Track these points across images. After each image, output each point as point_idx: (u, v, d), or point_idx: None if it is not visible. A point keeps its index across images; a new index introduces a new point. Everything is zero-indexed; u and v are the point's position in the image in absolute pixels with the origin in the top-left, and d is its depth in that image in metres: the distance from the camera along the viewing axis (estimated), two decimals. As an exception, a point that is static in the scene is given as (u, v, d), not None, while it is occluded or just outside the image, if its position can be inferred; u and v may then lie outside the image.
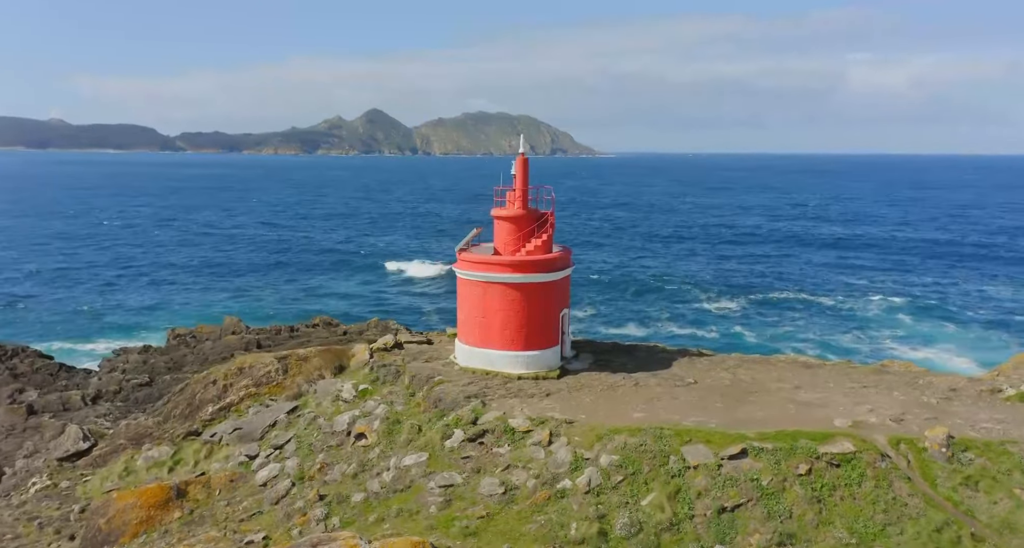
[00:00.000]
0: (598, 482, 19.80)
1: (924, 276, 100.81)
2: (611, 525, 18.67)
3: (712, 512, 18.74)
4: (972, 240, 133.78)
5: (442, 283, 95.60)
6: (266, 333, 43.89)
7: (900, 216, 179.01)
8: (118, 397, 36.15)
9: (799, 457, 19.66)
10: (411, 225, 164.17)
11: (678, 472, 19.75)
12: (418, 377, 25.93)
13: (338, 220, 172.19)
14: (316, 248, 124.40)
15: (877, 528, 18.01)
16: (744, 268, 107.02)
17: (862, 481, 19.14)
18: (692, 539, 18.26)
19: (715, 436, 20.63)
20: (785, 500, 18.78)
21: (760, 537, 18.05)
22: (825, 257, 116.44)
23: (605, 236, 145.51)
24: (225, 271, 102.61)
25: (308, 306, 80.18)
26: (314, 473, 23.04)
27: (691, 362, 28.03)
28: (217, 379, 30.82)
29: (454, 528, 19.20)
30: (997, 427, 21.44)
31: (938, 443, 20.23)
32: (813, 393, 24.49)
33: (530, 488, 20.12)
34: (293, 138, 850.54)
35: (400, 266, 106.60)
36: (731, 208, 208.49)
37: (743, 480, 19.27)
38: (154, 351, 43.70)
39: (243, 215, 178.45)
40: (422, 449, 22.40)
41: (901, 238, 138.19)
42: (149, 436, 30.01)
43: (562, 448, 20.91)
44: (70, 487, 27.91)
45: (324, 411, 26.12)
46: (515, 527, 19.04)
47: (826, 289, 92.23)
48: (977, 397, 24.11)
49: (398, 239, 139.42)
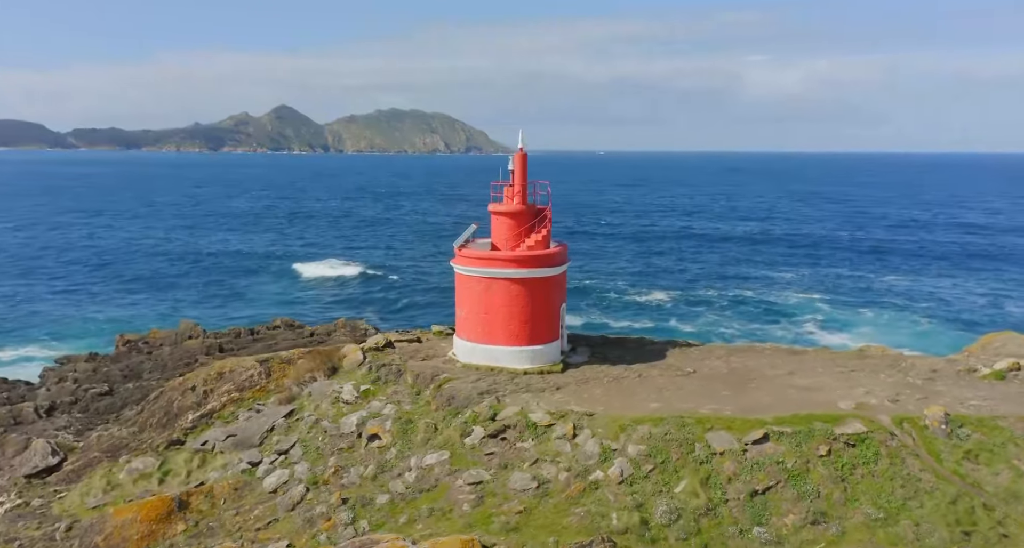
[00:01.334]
0: (629, 472, 20.14)
1: (834, 267, 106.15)
2: (650, 513, 19.03)
3: (745, 495, 19.38)
4: (874, 235, 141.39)
5: (370, 282, 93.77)
6: (226, 336, 42.15)
7: (806, 212, 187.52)
8: (75, 408, 34.03)
9: (818, 439, 20.55)
10: (329, 224, 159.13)
11: (705, 459, 20.31)
12: (422, 376, 25.62)
13: (249, 220, 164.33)
14: (228, 251, 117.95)
15: (899, 503, 19.04)
16: (667, 263, 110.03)
17: (877, 459, 20.18)
18: (730, 522, 18.83)
19: (735, 422, 21.31)
20: (811, 480, 19.62)
21: (794, 517, 18.80)
22: (741, 251, 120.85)
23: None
24: (134, 278, 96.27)
25: (236, 313, 76.35)
26: (328, 477, 22.44)
27: (683, 352, 28.77)
28: (196, 385, 29.52)
29: (494, 524, 19.13)
30: (984, 404, 22.98)
31: (937, 421, 21.54)
32: (808, 378, 25.58)
33: (562, 481, 20.26)
34: (197, 135, 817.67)
35: (319, 267, 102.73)
36: (648, 205, 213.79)
37: (769, 463, 20.01)
38: (103, 359, 41.27)
39: (144, 217, 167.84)
40: (442, 448, 22.18)
41: (808, 232, 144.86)
42: (126, 447, 28.47)
43: (588, 440, 21.13)
44: (44, 505, 26.15)
45: (325, 413, 25.45)
46: (555, 520, 19.14)
47: (746, 281, 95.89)
48: (957, 377, 25.77)
49: (317, 239, 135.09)
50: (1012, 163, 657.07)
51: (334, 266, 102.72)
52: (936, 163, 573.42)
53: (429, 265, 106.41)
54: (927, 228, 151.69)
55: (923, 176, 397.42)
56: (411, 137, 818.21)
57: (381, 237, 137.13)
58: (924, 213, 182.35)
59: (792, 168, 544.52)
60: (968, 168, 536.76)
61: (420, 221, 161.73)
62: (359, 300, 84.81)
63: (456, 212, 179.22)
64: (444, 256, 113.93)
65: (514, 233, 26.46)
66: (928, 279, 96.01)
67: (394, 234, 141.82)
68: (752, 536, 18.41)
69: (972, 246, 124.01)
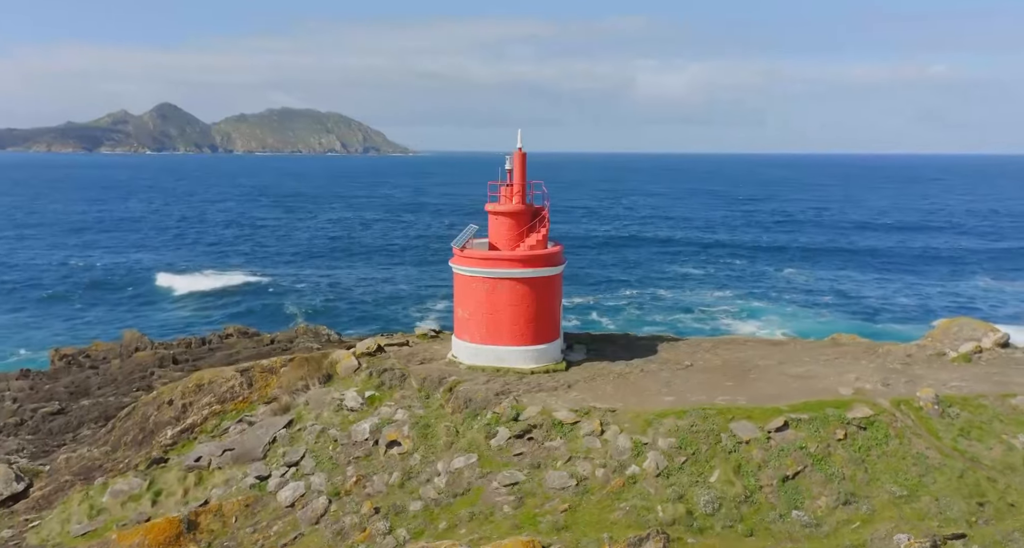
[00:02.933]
0: (664, 465, 20.57)
1: (735, 260, 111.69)
2: (693, 504, 19.52)
3: (777, 481, 20.18)
4: (771, 233, 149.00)
5: (256, 289, 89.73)
6: (177, 347, 39.74)
7: (703, 212, 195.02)
8: (23, 430, 31.33)
9: (833, 424, 21.65)
10: (223, 230, 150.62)
11: (733, 448, 21.01)
12: (429, 379, 25.21)
13: (129, 227, 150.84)
14: (97, 265, 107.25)
15: (916, 480, 20.32)
16: (583, 261, 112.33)
17: (887, 440, 21.46)
18: (768, 508, 19.58)
19: (754, 412, 22.14)
20: (835, 463, 20.65)
21: (826, 499, 19.74)
22: (651, 251, 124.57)
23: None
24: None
25: (110, 328, 69.93)
26: (350, 487, 21.75)
27: (673, 346, 29.56)
28: (173, 399, 27.89)
29: (542, 524, 19.12)
30: (963, 384, 24.83)
31: (930, 402, 23.12)
32: (799, 367, 26.85)
33: (600, 477, 20.47)
34: (70, 134, 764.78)
35: (208, 278, 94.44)
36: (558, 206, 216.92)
37: (793, 449, 20.92)
38: (38, 375, 38.09)
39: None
40: (468, 451, 21.94)
41: (708, 231, 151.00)
42: (100, 468, 26.58)
43: (618, 436, 21.43)
44: (16, 535, 24.05)
45: (329, 422, 24.61)
46: (602, 516, 19.33)
47: (658, 279, 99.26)
48: (929, 361, 27.71)
49: (206, 247, 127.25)
50: (873, 164, 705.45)
51: (212, 276, 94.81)
52: (801, 164, 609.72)
53: (341, 271, 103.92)
54: (817, 225, 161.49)
55: (795, 176, 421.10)
56: (305, 137, 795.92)
57: (284, 243, 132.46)
58: (817, 212, 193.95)
59: (686, 168, 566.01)
60: (835, 167, 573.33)
61: (326, 227, 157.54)
62: (246, 310, 79.93)
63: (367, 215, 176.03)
64: (356, 260, 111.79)
65: (515, 233, 26.45)
66: (823, 272, 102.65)
67: (298, 239, 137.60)
68: (792, 519, 19.20)
69: (853, 242, 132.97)
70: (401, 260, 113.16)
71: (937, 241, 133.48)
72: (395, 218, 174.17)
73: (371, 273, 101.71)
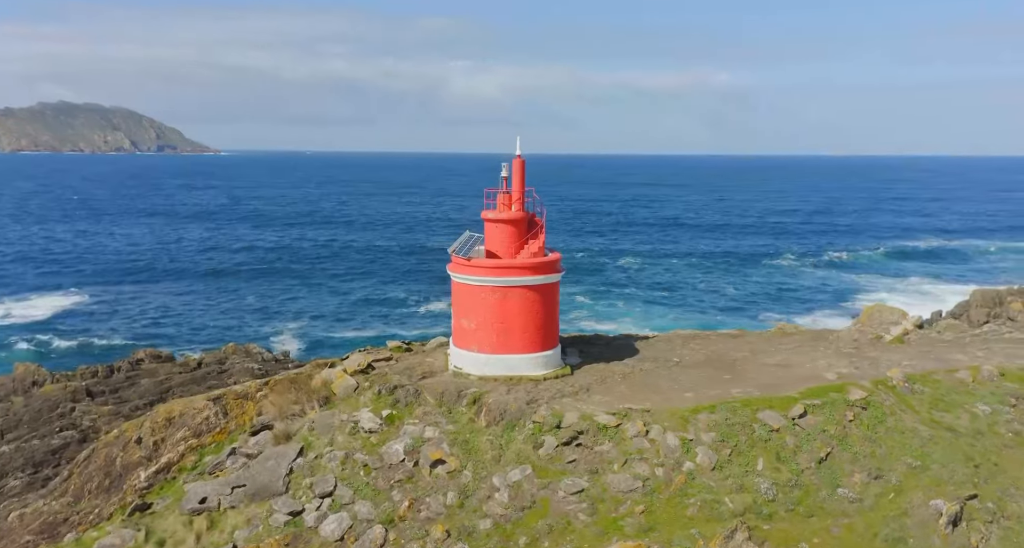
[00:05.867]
0: (715, 458, 21.64)
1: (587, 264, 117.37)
2: (756, 492, 20.73)
3: (814, 464, 21.93)
4: (608, 235, 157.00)
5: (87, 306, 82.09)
6: (85, 378, 34.65)
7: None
8: (-70, 486, 26.28)
9: (841, 407, 23.85)
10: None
11: (767, 437, 22.52)
12: (447, 393, 24.50)
13: None
14: None
15: (920, 451, 22.96)
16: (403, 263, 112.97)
17: (885, 418, 23.99)
18: (815, 489, 21.24)
19: (773, 401, 23.83)
20: (854, 443, 22.77)
21: (859, 476, 21.74)
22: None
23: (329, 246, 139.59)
24: None
25: None
26: (404, 512, 20.71)
27: (651, 344, 30.82)
28: (142, 436, 24.90)
29: (627, 527, 19.46)
30: (914, 363, 28.21)
31: (901, 380, 26.13)
32: (772, 357, 29.11)
33: (661, 476, 21.12)
34: None
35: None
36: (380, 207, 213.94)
37: (818, 433, 22.81)
38: (-92, 421, 31.82)
39: None
40: (519, 463, 21.69)
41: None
42: (65, 523, 23.18)
43: (664, 434, 22.19)
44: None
45: (349, 446, 23.16)
46: (678, 513, 20.01)
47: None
48: (872, 344, 31.14)
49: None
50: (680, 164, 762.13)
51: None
52: (618, 166, 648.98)
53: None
54: (649, 224, 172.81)
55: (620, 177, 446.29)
56: (87, 134, 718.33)
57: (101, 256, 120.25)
58: (646, 211, 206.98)
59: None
60: (649, 169, 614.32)
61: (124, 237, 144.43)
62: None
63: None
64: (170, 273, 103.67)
65: (515, 240, 26.34)
66: (656, 270, 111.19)
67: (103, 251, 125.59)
68: (839, 497, 20.99)
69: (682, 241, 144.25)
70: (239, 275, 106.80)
71: (753, 239, 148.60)
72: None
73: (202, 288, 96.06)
